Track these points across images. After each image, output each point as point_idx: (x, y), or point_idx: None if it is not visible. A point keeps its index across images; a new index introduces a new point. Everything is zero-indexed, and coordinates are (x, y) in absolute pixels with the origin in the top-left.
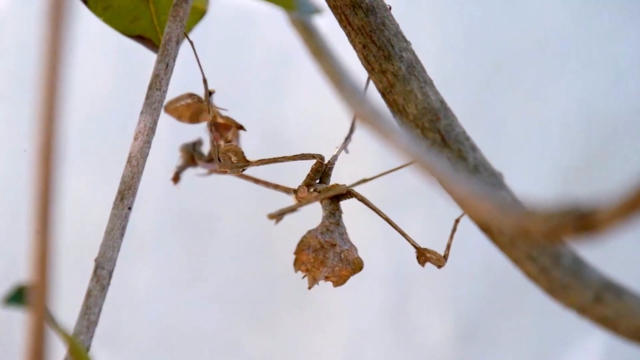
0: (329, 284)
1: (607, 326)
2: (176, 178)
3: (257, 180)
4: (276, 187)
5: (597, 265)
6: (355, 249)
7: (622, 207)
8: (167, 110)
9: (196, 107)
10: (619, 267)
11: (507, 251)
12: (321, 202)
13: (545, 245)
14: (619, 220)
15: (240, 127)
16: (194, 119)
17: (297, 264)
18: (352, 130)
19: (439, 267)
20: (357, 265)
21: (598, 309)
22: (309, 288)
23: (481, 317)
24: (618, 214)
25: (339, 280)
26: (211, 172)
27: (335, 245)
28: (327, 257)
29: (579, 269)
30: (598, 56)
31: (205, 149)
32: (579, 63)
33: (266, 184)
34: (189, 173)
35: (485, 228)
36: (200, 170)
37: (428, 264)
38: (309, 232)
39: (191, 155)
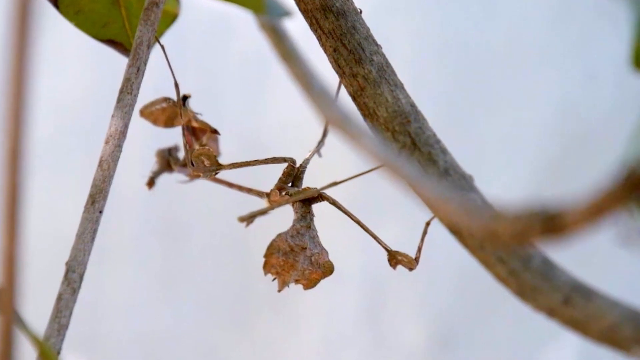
0: (302, 287)
1: (576, 328)
2: (151, 183)
3: (230, 185)
4: (249, 190)
5: (568, 268)
6: (326, 253)
7: (589, 209)
8: (142, 114)
9: (171, 111)
10: (589, 269)
11: (476, 254)
12: (293, 205)
13: (514, 247)
14: (587, 222)
15: (215, 131)
16: (169, 123)
17: (267, 267)
18: (324, 134)
19: (410, 269)
20: (327, 269)
21: (567, 311)
22: (279, 291)
23: (456, 320)
24: (585, 216)
25: (309, 284)
26: (188, 177)
27: (305, 248)
28: (297, 261)
29: (549, 271)
30: (571, 58)
31: (182, 154)
32: (552, 65)
33: (239, 187)
34: (165, 178)
35: (455, 231)
36: (176, 175)
37: (400, 267)
38: (279, 235)
39: (167, 160)
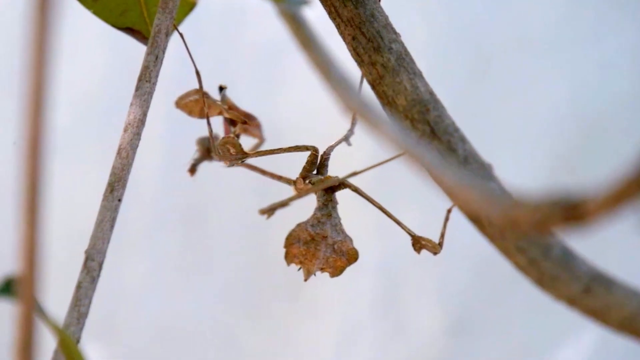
0: (324, 275)
1: (596, 318)
2: (192, 170)
3: (263, 172)
4: (279, 178)
5: (587, 257)
6: (351, 240)
7: (610, 197)
8: (178, 105)
9: (204, 103)
10: (608, 258)
11: (496, 242)
12: (316, 194)
13: (534, 236)
14: (608, 210)
15: (245, 122)
16: (203, 113)
17: (289, 258)
18: (353, 123)
19: (435, 254)
20: (352, 256)
21: (587, 300)
22: (305, 280)
23: (473, 308)
24: (606, 204)
25: (335, 271)
26: (226, 164)
27: (326, 237)
28: (318, 249)
29: (569, 260)
30: (585, 48)
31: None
32: (566, 55)
33: (271, 175)
34: (181, 167)
35: (475, 219)
36: (215, 163)
37: (415, 255)
38: (298, 225)
39: (207, 148)
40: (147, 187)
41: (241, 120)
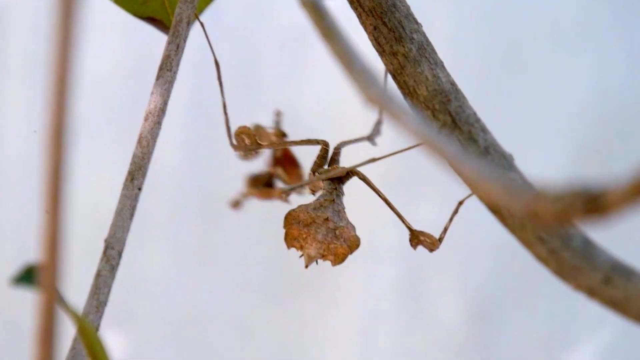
0: (330, 263)
1: (616, 308)
2: (236, 204)
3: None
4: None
5: (607, 247)
6: (353, 227)
7: (631, 188)
8: (234, 148)
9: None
10: (629, 249)
11: (516, 233)
12: (322, 183)
13: (554, 227)
14: (629, 202)
15: (284, 134)
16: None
17: (288, 240)
18: (379, 122)
19: (431, 250)
20: (353, 243)
21: (607, 291)
22: (306, 267)
23: (494, 296)
24: (628, 196)
25: (337, 259)
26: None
27: (327, 219)
28: (318, 232)
29: (589, 250)
30: (613, 38)
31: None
32: (593, 44)
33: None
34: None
35: (495, 210)
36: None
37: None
38: (299, 206)
39: (254, 184)
40: (167, 176)
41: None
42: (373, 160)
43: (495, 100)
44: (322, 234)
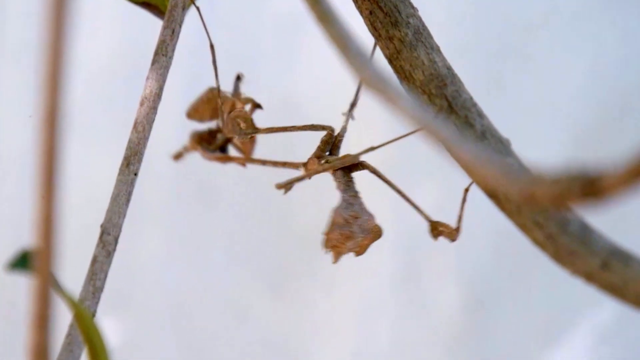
0: (354, 255)
1: (614, 293)
2: (178, 156)
3: (264, 162)
4: (284, 164)
5: (605, 232)
6: (373, 217)
7: (629, 172)
8: (188, 116)
9: (216, 101)
10: (627, 233)
11: (513, 218)
12: (334, 174)
13: (551, 211)
14: (626, 186)
15: (258, 106)
16: (215, 115)
17: (328, 243)
18: (357, 96)
19: (452, 240)
20: (376, 233)
21: (605, 275)
22: (334, 263)
23: (492, 285)
24: (625, 179)
25: (361, 250)
26: (212, 159)
27: (358, 217)
28: (352, 231)
29: (586, 235)
30: (610, 22)
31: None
32: (589, 29)
33: (274, 163)
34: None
35: (492, 195)
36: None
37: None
38: (335, 210)
39: (198, 141)
40: (163, 161)
41: (255, 105)
42: (372, 149)
43: (491, 85)
44: (355, 232)
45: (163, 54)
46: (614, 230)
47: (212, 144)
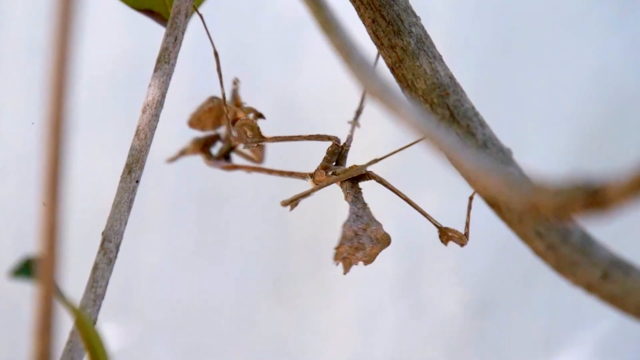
0: (362, 264)
1: (614, 304)
2: (173, 159)
3: (270, 171)
4: (291, 174)
5: (606, 243)
6: (381, 226)
7: (631, 183)
8: (191, 125)
9: (218, 110)
10: (628, 244)
11: (514, 228)
12: (342, 186)
13: (553, 221)
14: (629, 197)
15: (260, 116)
16: (217, 123)
17: (338, 257)
18: (362, 104)
19: (462, 245)
20: (385, 241)
21: (606, 286)
22: (344, 274)
23: (493, 289)
24: (628, 190)
25: (370, 259)
26: (221, 168)
27: (367, 229)
28: (362, 242)
29: (587, 245)
30: (611, 26)
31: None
32: (591, 33)
33: (280, 172)
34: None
35: (493, 204)
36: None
37: (435, 236)
38: (344, 225)
39: (199, 148)
40: (164, 169)
41: (257, 115)
42: (375, 161)
43: (493, 94)
44: (365, 242)
45: (165, 61)
46: (614, 241)
47: (211, 150)
